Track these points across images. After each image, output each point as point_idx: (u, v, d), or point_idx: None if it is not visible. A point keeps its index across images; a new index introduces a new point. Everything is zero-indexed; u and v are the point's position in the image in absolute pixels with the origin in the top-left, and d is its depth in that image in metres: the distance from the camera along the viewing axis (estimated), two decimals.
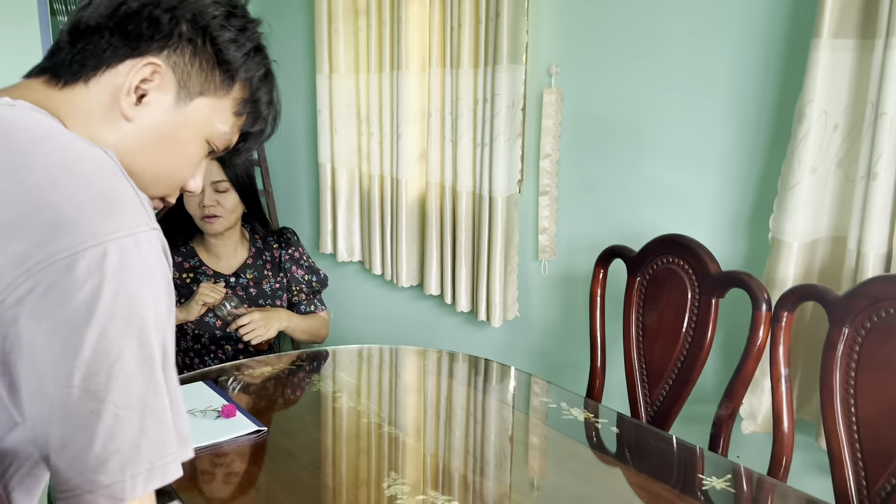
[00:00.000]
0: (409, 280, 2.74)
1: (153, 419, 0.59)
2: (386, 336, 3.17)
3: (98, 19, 0.70)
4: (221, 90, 0.76)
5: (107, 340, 0.56)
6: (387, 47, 2.65)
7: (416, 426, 1.36)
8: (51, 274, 0.55)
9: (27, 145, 0.61)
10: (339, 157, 3.06)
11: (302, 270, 1.95)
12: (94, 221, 0.57)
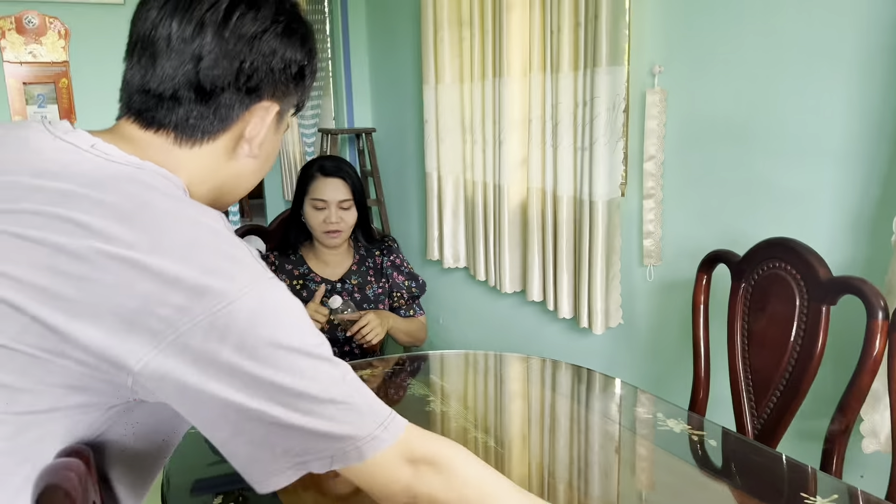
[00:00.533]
0: (512, 286, 2.74)
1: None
2: (492, 342, 3.17)
3: (225, 79, 0.76)
4: (294, 102, 0.86)
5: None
6: (489, 55, 2.67)
7: (505, 433, 1.36)
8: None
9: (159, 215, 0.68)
10: (445, 165, 3.10)
11: (402, 276, 2.00)
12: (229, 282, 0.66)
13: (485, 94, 2.74)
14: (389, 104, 3.94)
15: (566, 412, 1.45)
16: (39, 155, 0.71)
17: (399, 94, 3.75)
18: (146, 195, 0.69)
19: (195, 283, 0.64)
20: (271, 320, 0.67)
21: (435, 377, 1.66)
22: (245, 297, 0.66)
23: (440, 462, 0.76)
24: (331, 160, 1.88)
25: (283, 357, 0.67)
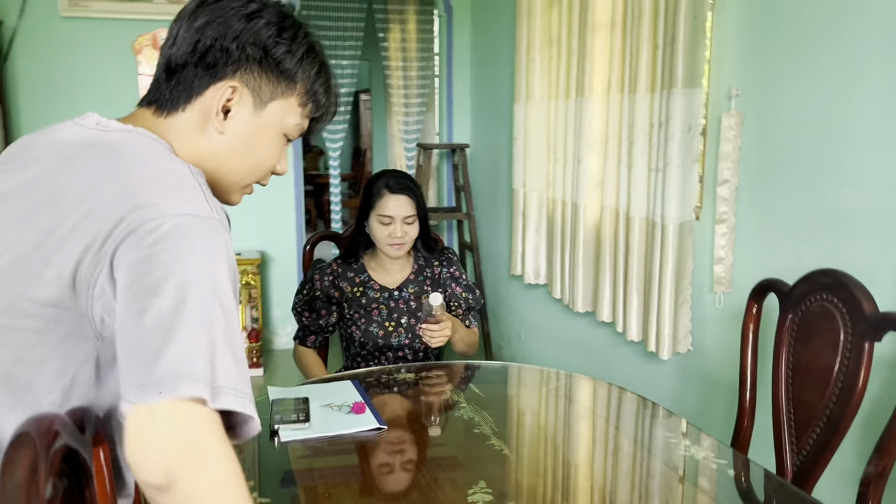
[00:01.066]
0: (584, 305, 2.73)
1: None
2: (566, 361, 3.16)
3: (184, 57, 0.89)
4: (287, 91, 0.94)
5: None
6: (573, 74, 2.70)
7: (524, 445, 1.39)
8: (136, 235, 0.75)
9: (129, 162, 0.82)
10: (530, 182, 3.14)
11: (461, 288, 2.05)
12: (169, 205, 0.77)
13: (567, 113, 2.76)
14: (485, 121, 4.02)
15: (601, 437, 1.46)
16: (57, 135, 0.89)
17: (494, 112, 3.83)
18: (121, 148, 0.84)
19: (139, 200, 0.77)
20: (189, 242, 0.76)
21: (477, 387, 1.70)
22: (178, 217, 0.76)
23: (203, 456, 0.71)
24: (396, 177, 1.96)
25: (169, 281, 0.73)
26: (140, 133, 0.87)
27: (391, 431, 1.40)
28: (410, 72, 4.40)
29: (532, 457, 1.32)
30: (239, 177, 0.96)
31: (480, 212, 4.13)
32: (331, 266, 1.98)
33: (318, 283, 1.95)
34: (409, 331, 1.95)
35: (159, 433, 0.69)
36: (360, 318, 1.96)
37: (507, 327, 3.86)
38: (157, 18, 3.73)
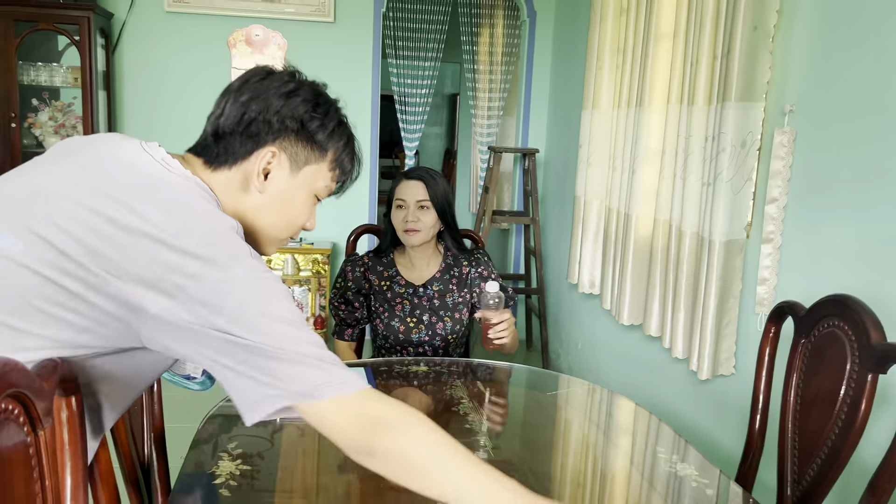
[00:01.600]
0: (630, 318, 2.69)
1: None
2: (617, 372, 3.11)
3: (231, 127, 1.02)
4: (319, 158, 1.07)
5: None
6: (636, 84, 2.66)
7: (512, 450, 1.40)
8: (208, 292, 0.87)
9: (193, 214, 0.93)
10: (591, 190, 3.12)
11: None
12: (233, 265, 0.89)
13: (627, 122, 2.73)
14: (559, 127, 4.01)
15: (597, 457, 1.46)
16: (127, 155, 0.99)
17: (567, 118, 3.81)
18: (184, 197, 0.94)
19: (206, 261, 0.87)
20: (256, 296, 0.89)
21: (484, 386, 1.73)
22: (240, 279, 0.89)
23: (393, 422, 0.90)
24: (417, 167, 2.01)
25: (262, 322, 0.88)
26: (197, 183, 0.98)
27: None
28: (491, 75, 4.44)
29: (512, 459, 1.33)
30: (275, 231, 1.08)
31: (549, 218, 4.12)
32: (362, 259, 2.05)
33: (350, 274, 2.03)
34: (429, 328, 1.99)
35: (338, 425, 0.90)
36: (384, 311, 2.01)
37: (566, 335, 3.83)
38: (251, 15, 3.95)
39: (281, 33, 4.02)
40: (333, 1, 3.96)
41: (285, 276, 3.92)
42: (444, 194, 1.97)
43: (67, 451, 0.91)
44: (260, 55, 4.02)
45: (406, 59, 4.27)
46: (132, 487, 1.17)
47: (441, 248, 2.07)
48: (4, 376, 0.70)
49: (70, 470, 0.91)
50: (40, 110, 3.66)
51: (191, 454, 1.24)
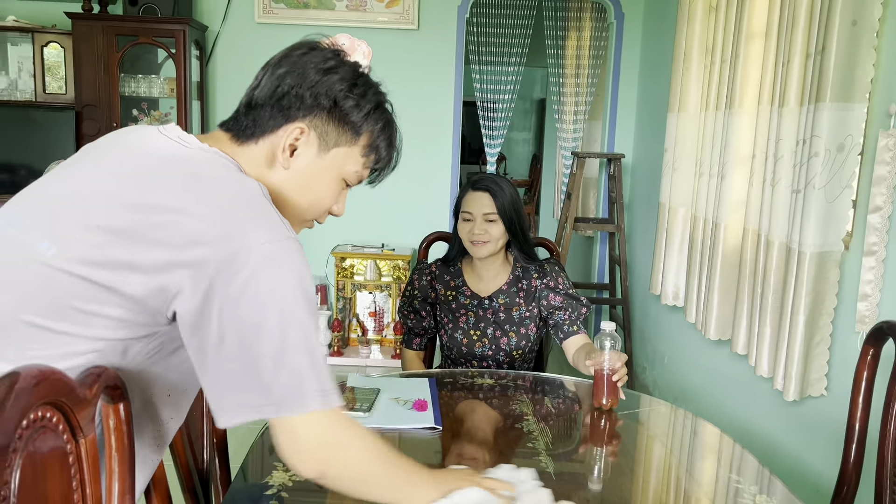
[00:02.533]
0: (717, 333, 2.54)
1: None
2: (702, 393, 2.96)
3: (264, 98, 0.99)
4: (351, 141, 1.02)
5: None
6: (725, 85, 2.52)
7: (571, 470, 1.34)
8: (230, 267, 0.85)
9: (208, 182, 0.93)
10: (676, 197, 2.98)
11: (560, 297, 1.97)
12: (253, 234, 0.87)
13: (716, 125, 2.59)
14: (646, 131, 3.87)
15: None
16: (145, 141, 0.99)
17: (654, 122, 3.67)
18: (201, 168, 0.94)
19: (228, 229, 0.86)
20: (274, 272, 0.86)
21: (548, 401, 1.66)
22: (262, 247, 0.86)
23: (344, 446, 0.93)
24: (484, 176, 1.93)
25: (264, 310, 0.85)
26: (215, 153, 0.97)
27: (444, 432, 1.41)
28: (577, 79, 4.34)
29: (573, 480, 1.26)
30: (298, 211, 1.04)
31: (636, 225, 3.98)
32: (430, 267, 2.02)
33: (417, 282, 2.00)
34: (493, 342, 1.93)
35: (296, 443, 0.89)
36: (449, 322, 1.97)
37: (652, 349, 3.68)
38: (338, 25, 4.02)
39: (366, 41, 4.06)
40: (417, 8, 3.98)
41: (366, 280, 3.96)
42: (511, 204, 1.90)
43: (115, 458, 0.92)
44: None
45: (489, 65, 4.24)
46: (189, 495, 1.19)
47: (510, 259, 2.01)
48: (39, 386, 0.71)
49: (118, 477, 0.92)
50: (139, 120, 3.85)
51: (246, 462, 1.24)
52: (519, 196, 1.94)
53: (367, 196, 4.35)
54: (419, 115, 4.09)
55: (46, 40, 3.67)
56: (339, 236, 4.14)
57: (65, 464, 0.78)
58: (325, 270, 4.12)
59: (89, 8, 3.66)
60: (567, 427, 1.52)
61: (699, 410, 2.98)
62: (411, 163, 4.41)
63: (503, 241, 1.92)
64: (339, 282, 3.97)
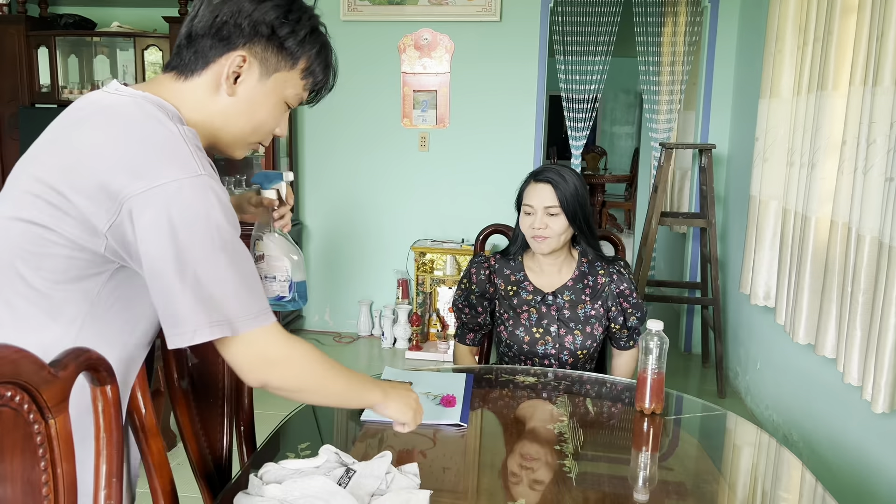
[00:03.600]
0: (806, 337, 2.33)
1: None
2: (796, 400, 2.73)
3: (203, 29, 1.02)
4: (289, 65, 1.05)
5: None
6: (817, 65, 2.31)
7: (598, 477, 1.24)
8: (143, 200, 0.89)
9: (126, 127, 0.95)
10: (767, 189, 2.78)
11: (628, 305, 1.87)
12: (164, 173, 0.91)
13: (808, 110, 2.37)
14: (741, 120, 3.63)
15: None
16: (86, 97, 1.04)
17: (749, 110, 3.43)
18: (122, 111, 0.97)
19: (139, 167, 0.91)
20: (189, 208, 0.91)
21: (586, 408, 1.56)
22: (171, 184, 0.90)
23: (288, 360, 1.00)
24: (547, 168, 1.82)
25: (174, 244, 0.90)
26: (144, 98, 0.99)
27: (471, 429, 1.35)
28: (672, 66, 4.13)
29: (594, 486, 1.17)
30: (243, 134, 1.08)
31: (731, 220, 3.74)
32: (488, 260, 1.93)
33: (475, 276, 1.92)
34: (556, 340, 1.84)
35: (235, 362, 0.97)
36: (509, 318, 1.88)
37: (745, 352, 3.45)
38: (420, 20, 4.02)
39: (448, 35, 4.05)
40: (500, 0, 3.91)
41: (446, 276, 3.95)
42: (575, 197, 1.79)
43: (103, 439, 0.93)
44: (427, 58, 4.08)
45: (575, 56, 4.10)
46: (203, 482, 1.19)
47: (575, 254, 1.90)
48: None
49: (105, 459, 0.93)
50: None
51: (259, 453, 1.24)
52: (585, 187, 1.82)
53: (448, 191, 4.36)
54: (501, 108, 4.02)
55: (147, 44, 3.89)
56: (420, 231, 4.14)
57: (29, 444, 0.79)
58: (406, 265, 4.14)
59: (185, 12, 3.84)
60: (603, 431, 1.42)
61: (791, 421, 2.76)
62: (493, 157, 4.36)
63: (567, 236, 1.82)
64: (419, 276, 3.97)
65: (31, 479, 0.80)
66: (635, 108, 9.41)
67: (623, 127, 9.78)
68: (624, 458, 1.32)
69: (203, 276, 0.91)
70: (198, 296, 0.91)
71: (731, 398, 3.46)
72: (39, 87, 3.98)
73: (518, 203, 1.86)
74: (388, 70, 4.10)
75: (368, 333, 4.27)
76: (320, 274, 4.36)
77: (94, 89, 3.98)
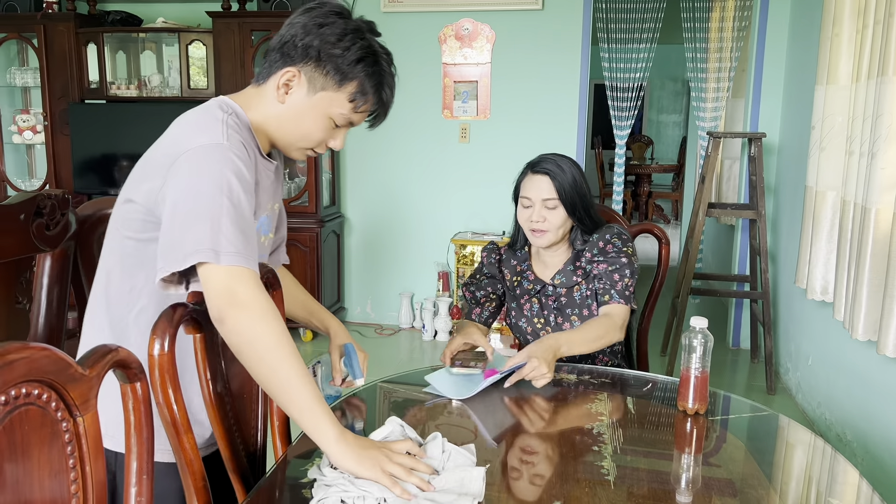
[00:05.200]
0: (865, 333, 2.23)
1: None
2: (851, 400, 2.62)
3: (274, 45, 1.20)
4: (335, 86, 1.19)
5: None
6: (878, 50, 2.19)
7: (637, 478, 1.20)
8: (175, 163, 1.10)
9: (186, 115, 1.19)
10: (824, 179, 2.67)
11: (605, 264, 1.73)
12: (194, 140, 1.11)
13: (867, 97, 2.26)
14: (794, 108, 3.49)
15: None
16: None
17: (803, 98, 3.30)
18: (197, 107, 1.20)
19: (180, 139, 1.13)
20: (205, 159, 1.08)
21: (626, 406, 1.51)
22: (195, 148, 1.09)
23: (250, 306, 1.05)
24: (544, 158, 1.75)
25: (182, 187, 1.08)
26: (216, 100, 1.20)
27: (505, 430, 1.32)
28: (720, 53, 4.01)
29: (634, 488, 1.12)
30: (292, 139, 1.24)
31: (782, 212, 3.61)
32: (499, 249, 1.90)
33: (486, 260, 1.89)
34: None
35: (207, 289, 1.05)
36: (513, 310, 1.84)
37: (796, 348, 3.33)
38: (461, 9, 3.98)
39: (489, 25, 3.99)
40: None
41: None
42: (573, 187, 1.71)
43: (133, 437, 0.92)
44: (468, 48, 4.03)
45: (619, 43, 4.01)
46: (237, 476, 1.18)
47: (571, 241, 1.81)
48: (15, 364, 0.71)
49: (136, 456, 0.93)
50: None
51: (292, 448, 1.23)
52: (583, 175, 1.74)
53: (489, 182, 4.31)
54: (543, 98, 3.95)
55: (191, 39, 3.93)
56: (460, 223, 4.11)
57: (56, 442, 0.78)
58: (446, 257, 4.11)
59: (228, 6, 3.87)
60: (644, 431, 1.37)
61: (844, 420, 2.65)
62: (535, 147, 4.26)
63: (565, 229, 1.75)
64: (460, 269, 3.94)
65: (60, 476, 0.79)
66: (683, 96, 9.19)
67: (670, 115, 9.56)
68: (665, 460, 1.27)
69: (203, 211, 1.05)
70: (195, 226, 1.04)
71: (781, 394, 3.34)
72: (89, 83, 4.06)
73: (515, 195, 1.81)
74: (428, 61, 4.06)
75: (409, 326, 4.26)
76: (361, 266, 4.36)
77: (141, 84, 4.05)
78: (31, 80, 4.20)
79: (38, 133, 4.25)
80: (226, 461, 1.18)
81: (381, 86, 1.19)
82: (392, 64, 1.23)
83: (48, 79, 4.03)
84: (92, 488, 0.84)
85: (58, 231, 1.57)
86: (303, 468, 1.14)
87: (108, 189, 4.00)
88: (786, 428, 1.41)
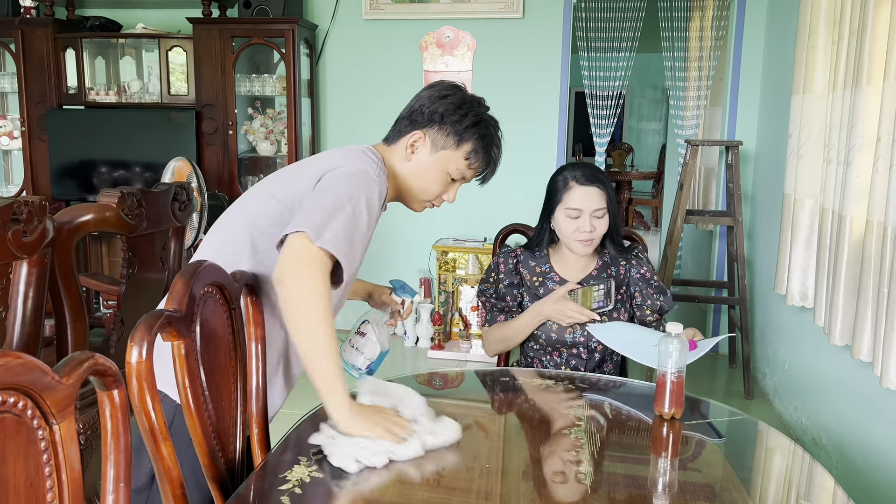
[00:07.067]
0: (843, 338, 2.26)
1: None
2: (825, 404, 2.66)
3: (404, 113, 1.49)
4: (454, 147, 1.46)
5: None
6: (853, 60, 2.23)
7: (613, 483, 1.21)
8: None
9: (337, 150, 1.45)
10: (802, 187, 2.71)
11: (651, 290, 1.86)
12: (348, 163, 1.36)
13: (843, 106, 2.30)
14: (770, 117, 3.54)
15: None
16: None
17: (778, 107, 3.35)
18: (348, 146, 1.43)
19: (338, 161, 1.37)
20: (350, 172, 1.33)
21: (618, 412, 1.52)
22: (349, 168, 1.34)
23: (313, 279, 1.19)
24: (585, 168, 1.83)
25: (336, 181, 1.31)
26: (365, 146, 1.44)
27: (482, 433, 1.32)
28: (700, 62, 4.05)
29: (612, 490, 1.13)
30: (415, 192, 1.50)
31: (759, 219, 3.66)
32: (514, 252, 1.94)
33: (503, 265, 1.92)
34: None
35: (287, 251, 1.21)
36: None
37: (773, 353, 3.37)
38: (442, 17, 3.99)
39: (470, 33, 4.01)
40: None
41: (468, 275, 3.92)
42: (614, 197, 1.84)
43: (111, 444, 0.91)
44: (449, 56, 4.05)
45: (599, 52, 4.05)
46: (215, 484, 1.18)
47: (597, 247, 1.90)
48: None
49: (113, 463, 0.92)
50: (253, 118, 4.01)
51: (272, 455, 1.22)
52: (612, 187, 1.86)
53: (470, 189, 4.30)
54: (524, 105, 3.98)
55: (171, 45, 3.91)
56: (442, 230, 4.12)
57: (32, 450, 0.78)
58: (428, 264, 4.12)
59: (208, 12, 3.86)
60: (621, 436, 1.38)
61: (819, 424, 2.69)
62: (516, 155, 4.29)
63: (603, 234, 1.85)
64: (442, 275, 3.95)
65: (36, 484, 0.79)
66: (662, 104, 9.29)
67: (650, 123, 9.66)
68: (641, 464, 1.28)
69: (328, 205, 1.24)
70: (315, 212, 1.22)
71: (759, 399, 3.38)
72: (67, 88, 4.02)
73: (551, 202, 1.85)
74: (410, 69, 4.07)
75: (391, 332, 4.26)
76: None
77: (120, 90, 4.02)
78: (8, 85, 4.15)
79: (15, 139, 4.20)
80: (204, 469, 1.17)
81: (490, 147, 1.47)
82: (499, 130, 1.50)
83: (26, 84, 3.99)
84: (68, 497, 0.83)
85: (35, 238, 1.55)
86: (282, 475, 1.14)
87: (86, 195, 3.96)
88: (763, 434, 1.43)
